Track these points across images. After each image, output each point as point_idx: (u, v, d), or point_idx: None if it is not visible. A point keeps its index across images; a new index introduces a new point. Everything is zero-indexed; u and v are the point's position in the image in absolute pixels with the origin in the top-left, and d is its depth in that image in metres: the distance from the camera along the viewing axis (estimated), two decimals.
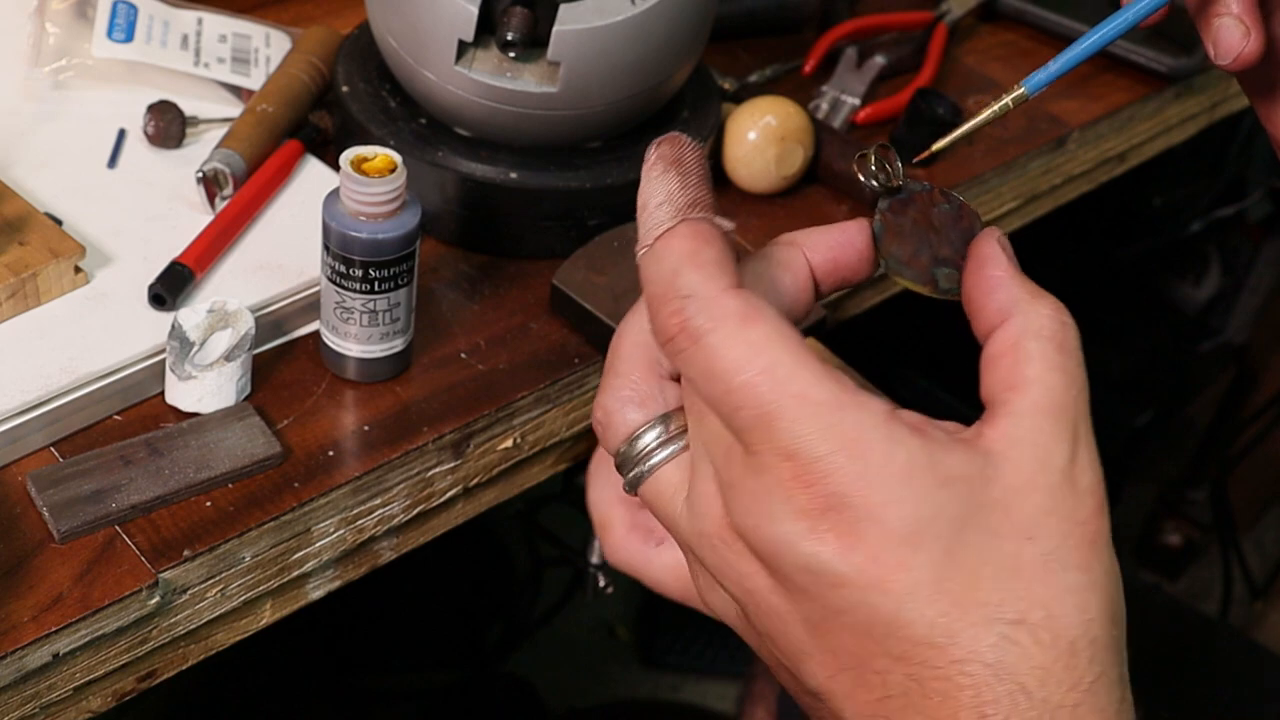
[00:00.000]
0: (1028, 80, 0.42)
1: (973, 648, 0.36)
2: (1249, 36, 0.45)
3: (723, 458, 0.39)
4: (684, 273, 0.39)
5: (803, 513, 0.37)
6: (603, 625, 1.54)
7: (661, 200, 0.40)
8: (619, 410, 0.43)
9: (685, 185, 0.41)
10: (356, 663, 1.38)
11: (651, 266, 0.40)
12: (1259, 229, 1.54)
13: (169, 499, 0.62)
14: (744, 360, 0.37)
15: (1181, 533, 1.72)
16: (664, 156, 0.42)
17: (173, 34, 0.83)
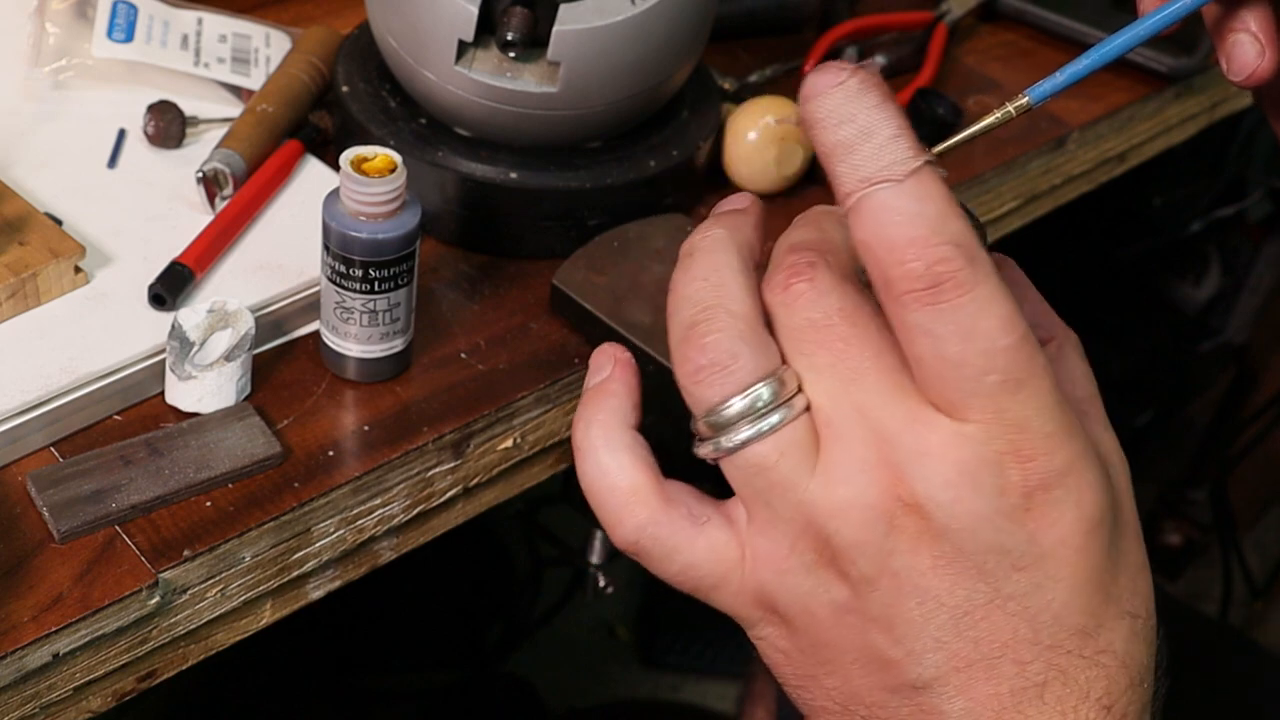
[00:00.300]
0: (1033, 89, 0.42)
1: (1110, 639, 0.37)
2: (1264, 55, 0.45)
3: (904, 424, 0.36)
4: (952, 218, 0.35)
5: (1012, 488, 0.36)
6: (603, 625, 1.54)
7: (895, 132, 0.36)
8: (745, 355, 0.37)
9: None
10: (356, 663, 1.38)
11: (908, 204, 0.35)
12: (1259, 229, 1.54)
13: (169, 499, 0.62)
14: (1011, 321, 0.35)
15: (1181, 533, 1.72)
16: (875, 84, 0.37)
17: (173, 34, 0.83)
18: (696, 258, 0.39)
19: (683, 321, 0.38)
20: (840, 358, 0.37)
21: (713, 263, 0.39)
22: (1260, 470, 1.73)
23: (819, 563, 0.38)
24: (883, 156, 0.35)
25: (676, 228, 0.80)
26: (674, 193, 0.82)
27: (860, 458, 0.36)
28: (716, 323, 0.37)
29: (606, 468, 0.40)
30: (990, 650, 0.37)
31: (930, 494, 0.36)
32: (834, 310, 0.37)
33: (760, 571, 0.39)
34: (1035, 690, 0.37)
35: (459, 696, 1.40)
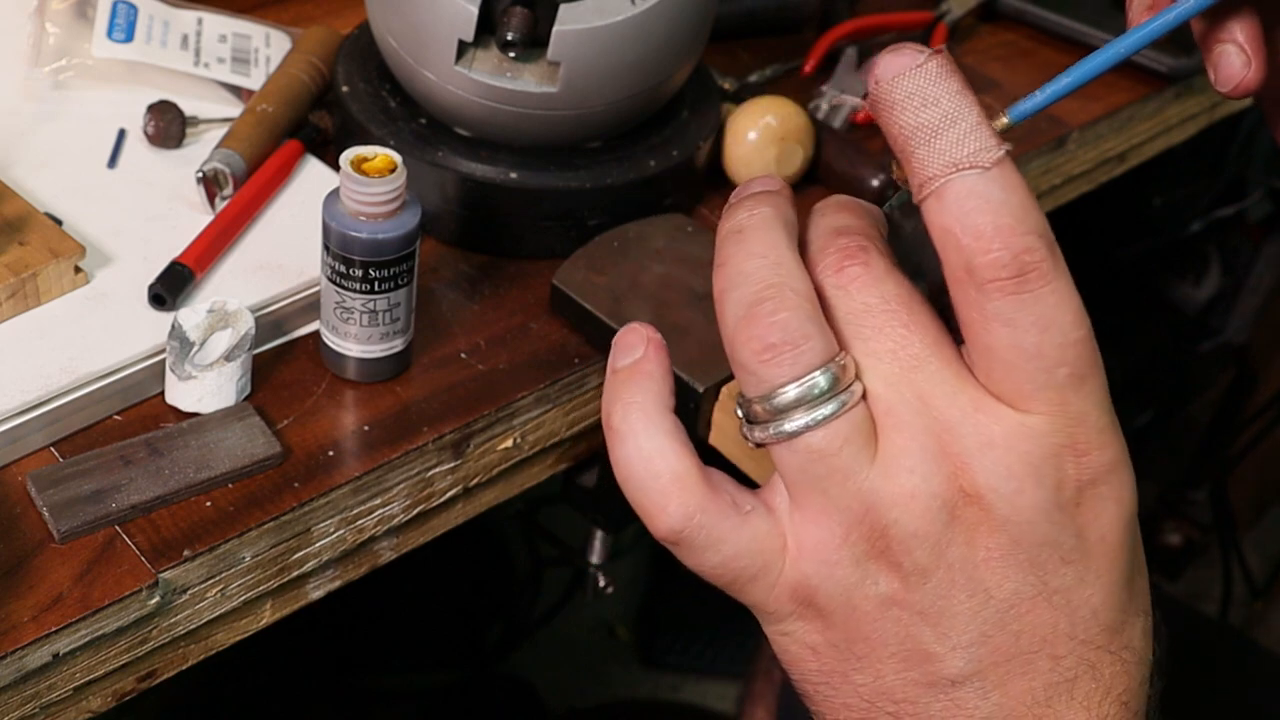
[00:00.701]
0: (1012, 110, 0.41)
1: (1131, 635, 0.38)
2: (1250, 65, 0.45)
3: (967, 413, 0.36)
4: (1034, 210, 0.36)
5: (1068, 482, 0.36)
6: (603, 625, 1.54)
7: (979, 119, 0.36)
8: (816, 336, 0.36)
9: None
10: (356, 663, 1.38)
11: (996, 192, 0.35)
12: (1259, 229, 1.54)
13: (169, 499, 0.62)
14: (1082, 316, 0.36)
15: (1181, 533, 1.72)
16: (955, 68, 0.36)
17: (173, 34, 0.83)
18: (749, 234, 0.38)
19: (744, 299, 0.36)
20: (901, 344, 0.36)
21: (770, 240, 0.38)
22: (1260, 470, 1.73)
23: (870, 554, 0.37)
24: (968, 143, 0.35)
25: (676, 228, 0.80)
26: (674, 193, 0.82)
27: (923, 446, 0.36)
28: (786, 301, 0.36)
29: (649, 453, 0.38)
30: (1029, 644, 0.37)
31: (993, 485, 0.36)
32: (891, 296, 0.37)
33: (805, 563, 0.38)
34: (1067, 686, 0.37)
35: (459, 696, 1.40)
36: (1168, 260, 1.55)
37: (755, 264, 0.37)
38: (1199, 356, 1.55)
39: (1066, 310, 0.35)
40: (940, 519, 0.36)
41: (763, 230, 0.38)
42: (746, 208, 0.38)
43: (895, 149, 0.36)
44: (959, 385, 0.36)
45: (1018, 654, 0.37)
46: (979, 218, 0.35)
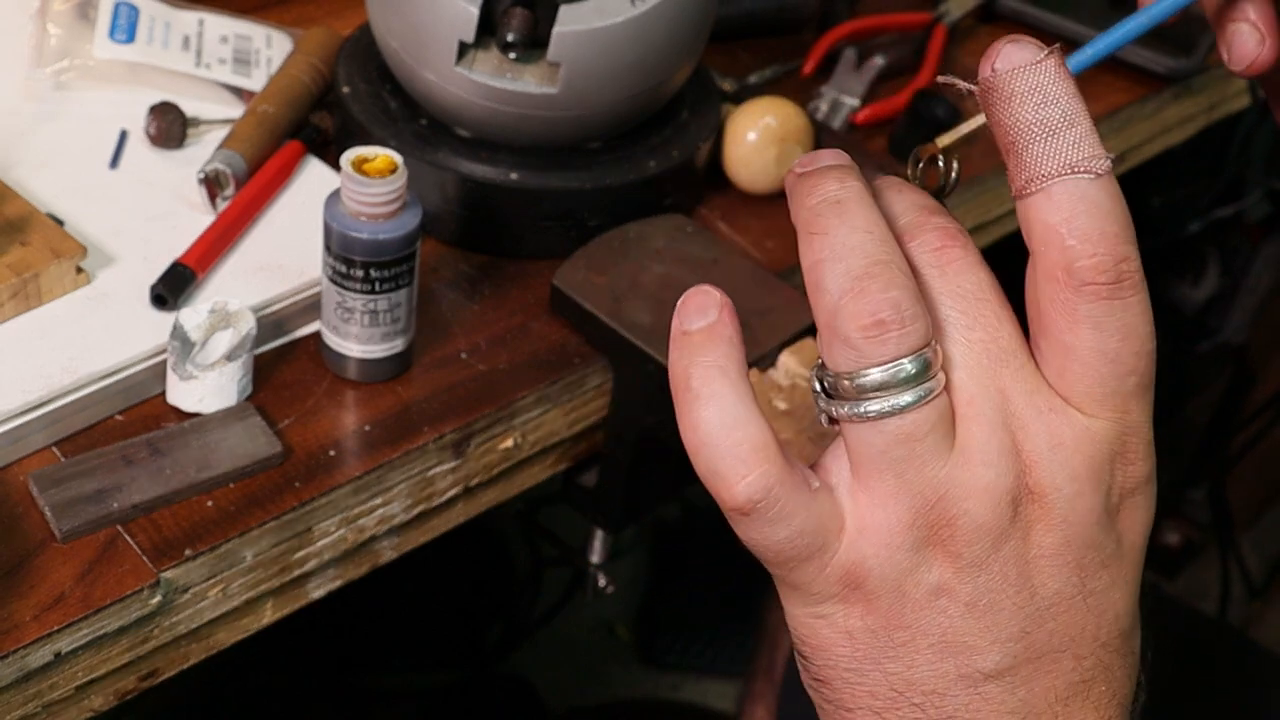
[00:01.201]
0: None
1: (1137, 640, 0.39)
2: (1264, 44, 0.45)
3: (1042, 413, 0.37)
4: (1131, 224, 0.36)
5: (1116, 488, 0.37)
6: (603, 625, 1.54)
7: (1092, 125, 0.36)
8: (922, 318, 0.36)
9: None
10: (356, 663, 1.38)
11: (1107, 199, 0.36)
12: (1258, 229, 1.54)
13: (170, 498, 0.62)
14: (1153, 329, 0.37)
15: (1180, 532, 1.72)
16: (1069, 71, 0.37)
17: (174, 35, 0.84)
18: (851, 207, 0.37)
19: (850, 271, 0.36)
20: (993, 336, 0.37)
21: (873, 215, 0.37)
22: (1259, 470, 1.73)
23: (930, 541, 0.37)
24: (1084, 147, 0.36)
25: (676, 228, 0.80)
26: (674, 193, 0.82)
27: (1001, 441, 0.36)
28: (895, 279, 0.36)
29: (732, 419, 0.37)
30: (1060, 644, 0.37)
31: (1058, 484, 0.36)
32: (986, 284, 0.37)
33: (864, 545, 0.37)
34: (1085, 686, 0.38)
35: (459, 696, 1.40)
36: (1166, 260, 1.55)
37: (861, 238, 0.36)
38: (1198, 356, 1.55)
39: (1146, 322, 0.36)
40: (1006, 514, 0.36)
41: (864, 205, 0.37)
42: (836, 178, 0.38)
43: (1003, 140, 0.37)
44: (1036, 384, 0.37)
45: (1048, 652, 0.37)
46: (1088, 222, 0.36)
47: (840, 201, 0.37)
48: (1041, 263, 0.36)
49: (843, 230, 0.37)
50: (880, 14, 1.05)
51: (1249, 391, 1.68)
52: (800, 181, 0.38)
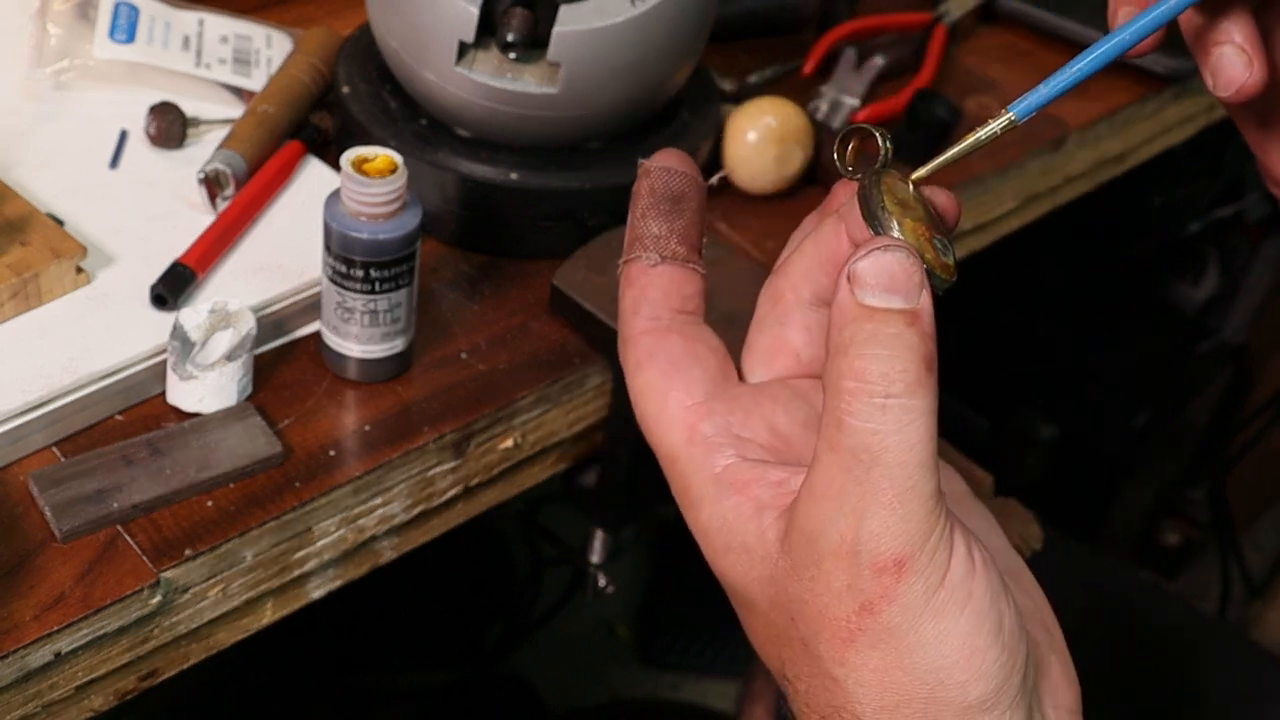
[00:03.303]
0: (1014, 105, 0.41)
1: (779, 682, 0.40)
2: (1251, 67, 0.43)
3: None
4: (618, 320, 0.44)
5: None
6: (603, 625, 1.54)
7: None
8: None
9: (631, 224, 0.44)
10: (356, 663, 1.38)
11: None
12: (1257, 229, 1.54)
13: (170, 498, 0.62)
14: (633, 402, 0.42)
15: (1180, 532, 1.72)
16: (633, 189, 0.44)
17: (174, 35, 0.84)
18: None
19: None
20: None
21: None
22: (1258, 470, 1.73)
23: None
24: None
25: None
26: None
27: None
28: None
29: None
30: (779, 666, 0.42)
31: None
32: None
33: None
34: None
35: (459, 696, 1.40)
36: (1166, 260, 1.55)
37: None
38: (1197, 356, 1.55)
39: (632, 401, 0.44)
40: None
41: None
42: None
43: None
44: None
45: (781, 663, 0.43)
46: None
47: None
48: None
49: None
50: (880, 14, 1.05)
51: (1249, 391, 1.68)
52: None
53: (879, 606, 0.36)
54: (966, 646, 0.36)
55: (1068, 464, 1.48)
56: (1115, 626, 0.91)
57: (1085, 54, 0.41)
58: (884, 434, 0.36)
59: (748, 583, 0.39)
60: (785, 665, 0.39)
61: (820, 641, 0.37)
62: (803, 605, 0.38)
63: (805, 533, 0.37)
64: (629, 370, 0.43)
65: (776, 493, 0.39)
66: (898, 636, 0.36)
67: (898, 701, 0.37)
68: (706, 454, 0.40)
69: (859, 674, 0.37)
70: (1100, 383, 1.46)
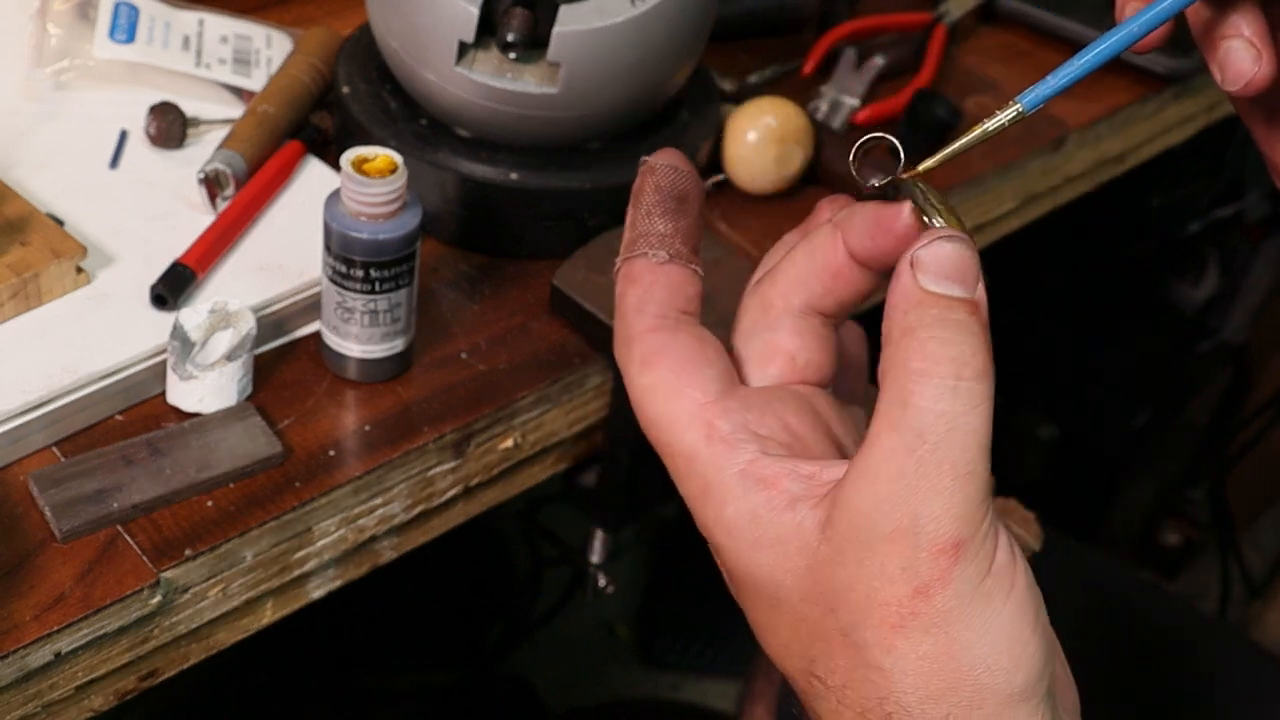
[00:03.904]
0: (1023, 97, 0.41)
1: (802, 688, 0.39)
2: (1260, 61, 0.43)
3: None
4: (615, 316, 0.43)
5: (707, 535, 0.41)
6: (603, 625, 1.55)
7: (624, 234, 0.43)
8: None
9: (634, 221, 0.43)
10: (356, 663, 1.38)
11: None
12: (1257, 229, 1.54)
13: (170, 498, 0.62)
14: (638, 404, 0.41)
15: (1180, 532, 1.72)
16: (633, 188, 0.44)
17: (174, 35, 0.84)
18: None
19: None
20: None
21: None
22: (1258, 470, 1.73)
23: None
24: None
25: None
26: None
27: None
28: None
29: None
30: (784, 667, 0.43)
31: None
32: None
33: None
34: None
35: (459, 696, 1.40)
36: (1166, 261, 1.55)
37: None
38: (1197, 356, 1.55)
39: (630, 399, 0.42)
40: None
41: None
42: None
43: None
44: None
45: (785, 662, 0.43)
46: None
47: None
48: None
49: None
50: (880, 14, 1.05)
51: (1249, 391, 1.68)
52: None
53: (934, 590, 0.36)
54: (1010, 634, 0.37)
55: (1068, 464, 1.48)
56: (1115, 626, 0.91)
57: (1093, 46, 0.41)
58: (952, 416, 0.36)
59: (779, 577, 0.38)
60: (816, 663, 0.38)
61: (866, 629, 0.37)
62: (847, 592, 0.37)
63: (857, 516, 0.37)
64: (634, 368, 0.42)
65: (809, 485, 0.39)
66: (949, 621, 0.36)
67: (943, 690, 0.36)
68: (729, 450, 0.40)
69: (906, 662, 0.36)
70: (1100, 383, 1.46)
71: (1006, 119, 0.41)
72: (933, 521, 0.36)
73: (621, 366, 0.42)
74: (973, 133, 0.41)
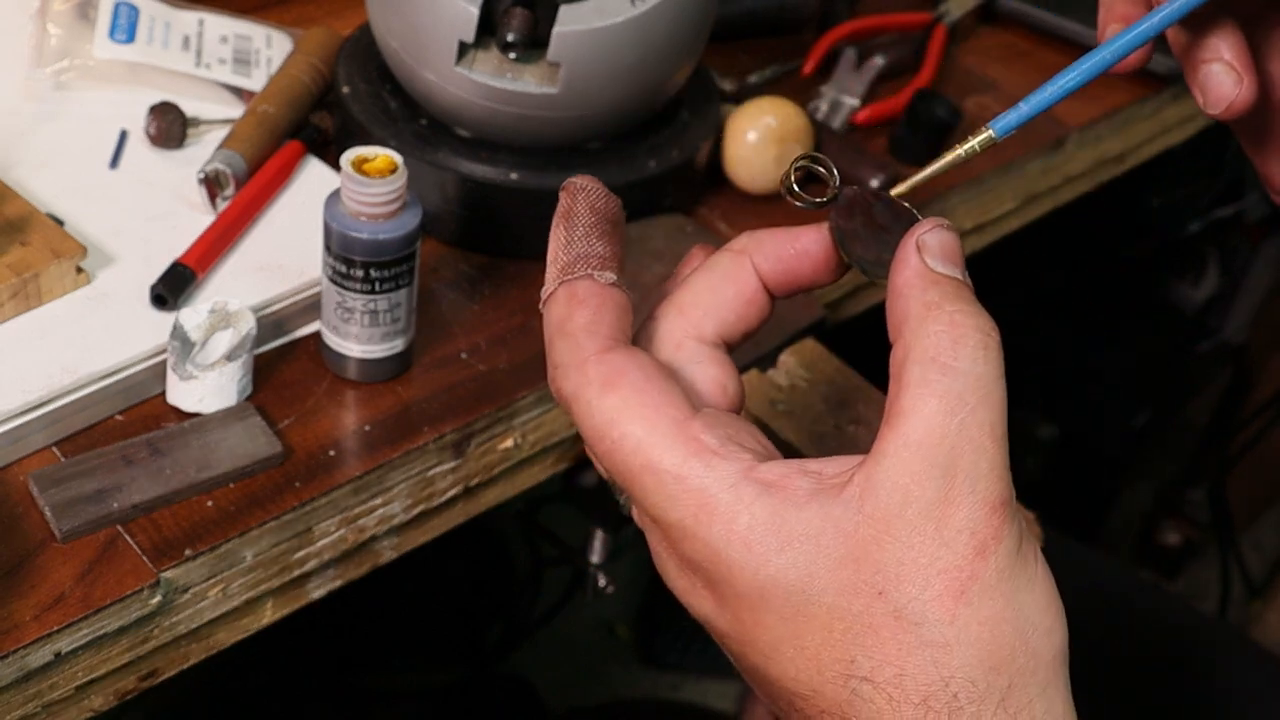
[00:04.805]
0: (995, 122, 0.41)
1: (834, 700, 0.37)
2: (1240, 84, 0.43)
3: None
4: (554, 341, 0.40)
5: (681, 571, 0.40)
6: (603, 625, 1.55)
7: (550, 259, 0.42)
8: None
9: (570, 241, 0.42)
10: (356, 663, 1.38)
11: (544, 329, 0.41)
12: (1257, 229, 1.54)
13: (170, 498, 0.62)
14: (602, 429, 0.39)
15: (1180, 532, 1.72)
16: (559, 209, 0.42)
17: (174, 35, 0.84)
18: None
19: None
20: None
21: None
22: (1258, 470, 1.73)
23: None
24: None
25: (676, 228, 0.80)
26: (674, 193, 0.82)
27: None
28: None
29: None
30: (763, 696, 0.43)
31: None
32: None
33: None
34: None
35: (459, 696, 1.40)
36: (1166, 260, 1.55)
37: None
38: (1197, 356, 1.55)
39: (587, 426, 0.41)
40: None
41: None
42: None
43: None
44: None
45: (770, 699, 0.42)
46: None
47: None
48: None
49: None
50: (880, 14, 1.05)
51: (1249, 391, 1.68)
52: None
53: (991, 548, 0.36)
54: (1048, 594, 0.37)
55: (1068, 464, 1.48)
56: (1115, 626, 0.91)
57: (1068, 70, 0.41)
58: (988, 379, 0.37)
59: (814, 573, 0.37)
60: (857, 663, 0.36)
61: (926, 603, 0.36)
62: (900, 568, 0.36)
63: (902, 488, 0.36)
64: (591, 390, 0.39)
65: (819, 480, 0.38)
66: (1005, 581, 0.36)
67: (1005, 657, 0.36)
68: (724, 462, 0.38)
69: (969, 630, 0.36)
70: (1100, 383, 1.46)
71: (978, 144, 0.41)
72: (983, 479, 0.36)
73: (571, 391, 0.40)
74: (944, 158, 0.42)
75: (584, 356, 0.40)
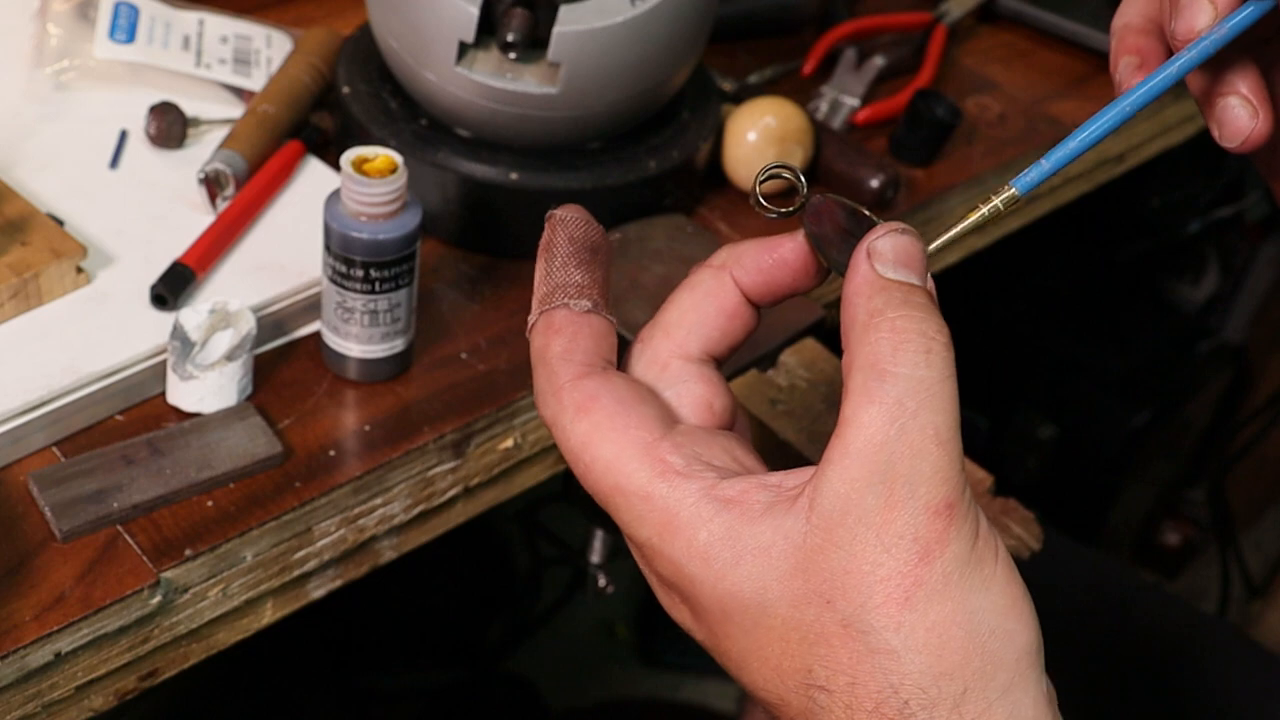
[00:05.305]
0: (1018, 180, 0.42)
1: (800, 709, 0.38)
2: (1257, 117, 0.43)
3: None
4: (535, 369, 0.42)
5: (660, 585, 0.41)
6: (603, 625, 1.55)
7: (534, 290, 0.43)
8: None
9: (549, 272, 0.43)
10: (356, 663, 1.38)
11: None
12: (1257, 229, 1.55)
13: (170, 498, 0.62)
14: (576, 451, 0.40)
15: (1180, 532, 1.72)
16: (541, 242, 0.44)
17: (174, 35, 0.84)
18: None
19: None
20: None
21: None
22: (1258, 470, 1.73)
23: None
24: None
25: (676, 228, 0.80)
26: (674, 193, 0.82)
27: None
28: None
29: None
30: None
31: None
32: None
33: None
34: None
35: (459, 696, 1.40)
36: (1166, 261, 1.55)
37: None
38: (1197, 356, 1.56)
39: (565, 449, 0.42)
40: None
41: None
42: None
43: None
44: None
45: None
46: None
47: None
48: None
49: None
50: (880, 14, 1.05)
51: (1248, 391, 1.68)
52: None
53: (935, 553, 0.36)
54: (1008, 594, 0.37)
55: (1068, 464, 1.48)
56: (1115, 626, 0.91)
57: (1087, 125, 0.42)
58: (929, 382, 0.37)
59: (766, 586, 0.38)
60: (814, 672, 0.37)
61: (870, 610, 0.36)
62: (844, 577, 0.36)
63: (845, 495, 0.36)
64: (566, 416, 0.41)
65: (777, 493, 0.39)
66: (952, 585, 0.36)
67: (955, 664, 0.36)
68: (686, 481, 0.39)
69: (915, 636, 0.36)
70: (1100, 383, 1.46)
71: (1001, 203, 0.42)
72: (924, 484, 0.36)
73: (550, 418, 0.41)
74: (970, 219, 0.42)
75: (559, 384, 0.41)
